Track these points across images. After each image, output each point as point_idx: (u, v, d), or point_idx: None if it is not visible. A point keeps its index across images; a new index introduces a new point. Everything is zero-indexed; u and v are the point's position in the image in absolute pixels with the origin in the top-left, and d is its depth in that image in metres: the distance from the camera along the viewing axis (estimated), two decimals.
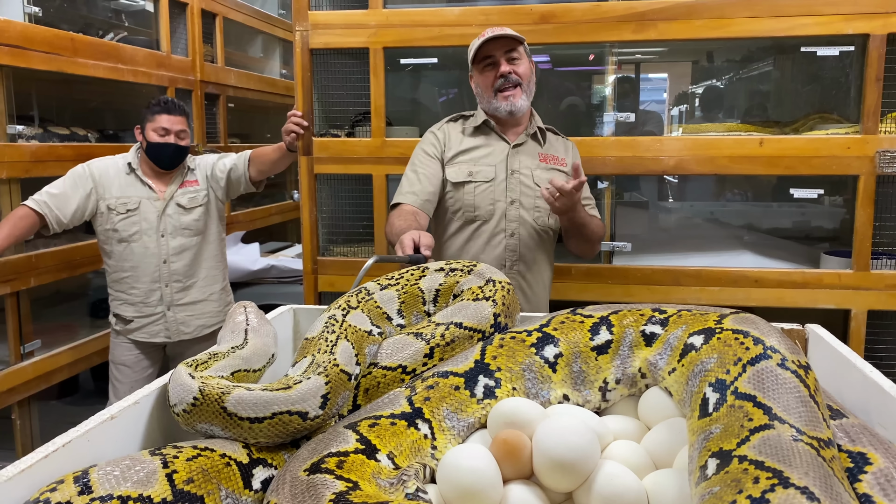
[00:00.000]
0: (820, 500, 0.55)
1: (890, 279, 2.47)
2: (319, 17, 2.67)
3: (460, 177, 2.14)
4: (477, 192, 2.13)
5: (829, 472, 0.61)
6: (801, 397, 0.77)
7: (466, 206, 2.14)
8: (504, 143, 2.17)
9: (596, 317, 1.05)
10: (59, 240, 3.11)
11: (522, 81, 2.08)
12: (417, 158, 2.19)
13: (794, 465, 0.60)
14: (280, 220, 5.08)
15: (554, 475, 0.81)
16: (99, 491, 0.68)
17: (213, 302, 2.97)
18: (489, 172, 2.14)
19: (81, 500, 0.66)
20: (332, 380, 0.91)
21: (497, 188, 2.13)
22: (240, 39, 4.90)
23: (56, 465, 0.71)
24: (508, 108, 2.08)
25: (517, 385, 0.97)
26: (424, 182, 2.12)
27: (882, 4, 2.37)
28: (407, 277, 1.21)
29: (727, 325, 0.93)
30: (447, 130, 2.22)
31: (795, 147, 2.48)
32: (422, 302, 1.20)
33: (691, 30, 2.48)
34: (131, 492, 0.69)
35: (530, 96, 2.12)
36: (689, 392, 0.89)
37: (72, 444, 0.74)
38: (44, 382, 2.98)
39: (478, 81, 2.15)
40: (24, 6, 2.90)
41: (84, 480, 0.68)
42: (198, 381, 0.84)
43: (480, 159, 2.15)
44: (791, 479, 0.57)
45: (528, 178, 2.14)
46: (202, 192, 2.89)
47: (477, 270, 1.21)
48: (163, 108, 2.74)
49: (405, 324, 1.18)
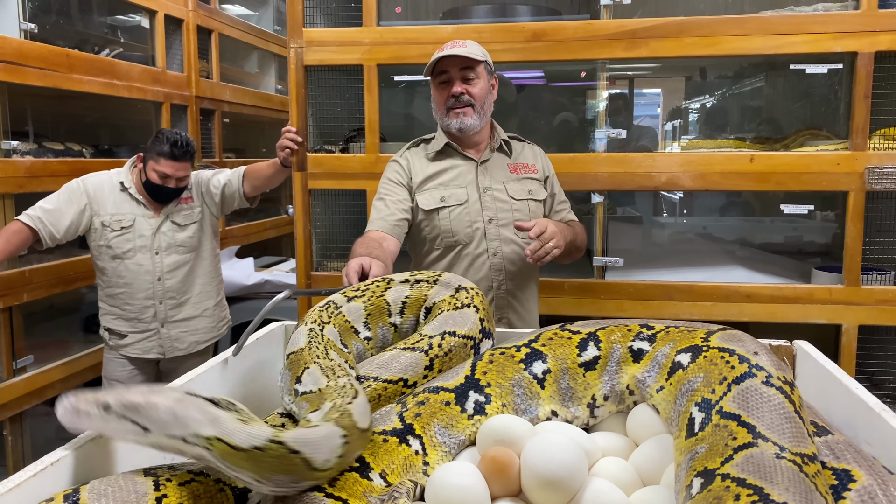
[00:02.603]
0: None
1: (880, 294, 2.48)
2: (314, 35, 2.69)
3: (433, 203, 2.09)
4: (453, 217, 2.08)
5: (810, 487, 0.62)
6: (785, 414, 0.78)
7: (444, 231, 2.08)
8: (471, 162, 2.12)
9: (584, 333, 1.05)
10: (52, 255, 3.11)
11: (475, 102, 2.03)
12: (383, 187, 2.13)
13: (776, 482, 0.61)
14: (275, 235, 5.08)
15: (542, 492, 0.82)
16: None
17: (207, 318, 2.97)
18: (461, 195, 2.08)
19: None
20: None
21: (472, 209, 2.08)
22: (235, 55, 4.93)
23: (46, 483, 0.72)
24: (458, 125, 2.04)
25: (507, 401, 0.97)
26: (392, 208, 2.07)
27: (869, 23, 2.40)
28: (373, 289, 1.22)
29: (714, 343, 0.94)
30: (409, 158, 2.17)
31: (786, 163, 2.50)
32: (387, 314, 1.20)
33: (682, 47, 2.51)
34: None
35: (484, 116, 2.07)
36: (676, 411, 0.90)
37: (61, 462, 0.74)
38: (36, 398, 2.97)
39: (433, 96, 2.12)
40: (19, 22, 2.92)
41: (74, 499, 0.69)
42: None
43: (450, 182, 2.10)
44: (771, 495, 0.58)
45: (501, 192, 2.09)
46: (196, 209, 2.90)
47: (443, 280, 1.22)
48: (169, 153, 2.67)
49: (371, 336, 1.18)
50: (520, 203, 2.09)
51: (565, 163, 2.54)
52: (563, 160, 2.52)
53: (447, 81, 2.04)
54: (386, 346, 1.21)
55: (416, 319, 1.22)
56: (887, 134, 2.48)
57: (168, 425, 0.71)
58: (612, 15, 2.59)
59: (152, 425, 0.71)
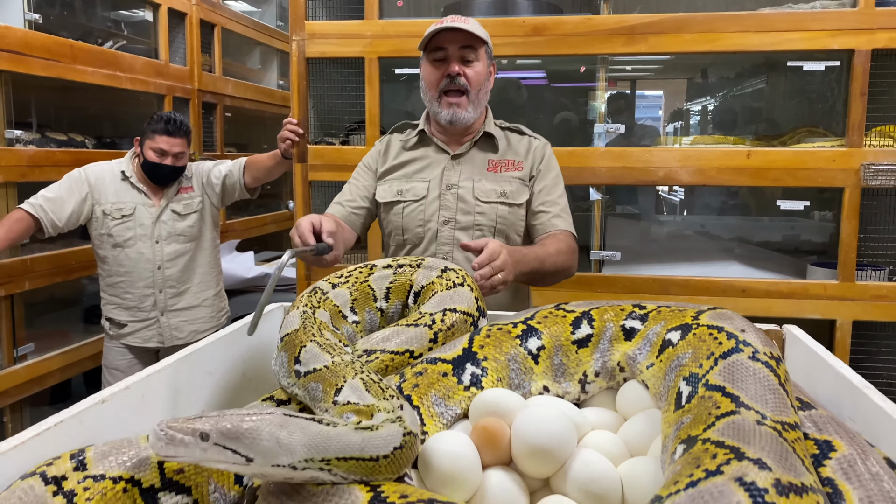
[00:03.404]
0: (772, 468, 0.57)
1: (874, 290, 2.50)
2: (316, 27, 2.71)
3: (388, 196, 1.91)
4: (405, 213, 1.88)
5: (788, 449, 0.64)
6: (769, 386, 0.80)
7: (395, 228, 1.90)
8: (443, 154, 1.91)
9: (578, 312, 1.08)
10: (53, 244, 3.13)
11: (471, 89, 1.81)
12: (357, 171, 2.01)
13: (753, 444, 0.63)
14: (275, 230, 5.10)
15: (532, 461, 0.84)
16: (92, 469, 0.70)
17: (207, 308, 2.99)
18: (420, 189, 1.88)
19: (76, 475, 0.69)
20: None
21: (429, 207, 1.86)
22: (238, 50, 4.95)
23: (48, 444, 0.74)
24: (449, 117, 1.82)
25: (502, 375, 0.99)
26: (355, 193, 1.94)
27: (866, 21, 2.43)
28: (356, 275, 1.23)
29: (703, 321, 0.96)
30: (389, 142, 2.00)
31: (782, 159, 2.52)
32: (373, 299, 1.22)
33: (681, 43, 2.53)
34: (123, 474, 0.71)
35: (479, 106, 1.86)
36: (665, 386, 0.92)
37: (64, 423, 0.76)
38: (36, 386, 2.99)
39: (424, 73, 1.87)
40: (24, 13, 2.94)
41: (80, 458, 0.71)
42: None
43: (414, 175, 1.91)
44: (747, 453, 0.60)
45: (467, 191, 1.85)
46: (197, 199, 2.92)
47: (426, 264, 1.24)
48: (164, 128, 2.72)
49: (359, 320, 1.19)
50: (486, 206, 1.84)
51: (564, 157, 2.55)
52: (561, 154, 2.52)
53: (443, 59, 1.82)
54: (374, 330, 1.22)
55: (403, 304, 1.24)
56: (883, 131, 2.50)
57: (274, 455, 0.66)
58: (611, 11, 2.61)
59: (257, 455, 0.65)
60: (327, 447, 0.68)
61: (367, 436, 0.71)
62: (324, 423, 0.71)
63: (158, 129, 2.73)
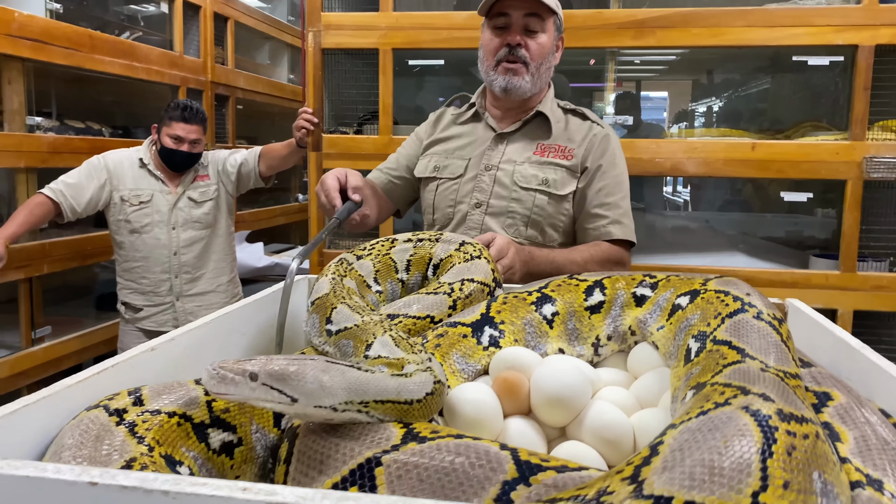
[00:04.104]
0: (775, 401, 0.63)
1: (875, 280, 2.56)
2: (332, 18, 2.77)
3: (425, 171, 1.79)
4: (438, 192, 1.76)
5: (789, 390, 0.70)
6: (773, 342, 0.86)
7: (427, 206, 1.79)
8: (491, 133, 1.76)
9: (590, 280, 1.13)
10: (70, 230, 3.20)
11: (531, 61, 1.66)
12: (406, 140, 1.91)
13: (757, 384, 0.69)
14: (284, 222, 5.17)
15: (549, 410, 0.90)
16: (148, 405, 0.77)
17: (221, 293, 3.06)
18: (458, 167, 1.74)
19: (135, 409, 0.75)
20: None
21: (463, 188, 1.73)
22: (249, 44, 5.02)
23: (107, 382, 0.80)
24: (504, 84, 1.67)
25: (518, 337, 1.05)
26: (399, 162, 1.85)
27: (870, 17, 2.48)
28: (378, 248, 1.29)
29: (711, 287, 1.02)
30: (443, 114, 1.88)
31: (786, 151, 2.58)
32: (395, 270, 1.28)
33: (688, 37, 2.59)
34: (176, 409, 0.78)
35: (538, 80, 1.70)
36: (675, 346, 0.98)
37: (118, 366, 0.82)
38: (53, 368, 3.06)
39: (483, 41, 1.72)
40: (45, 2, 3.01)
41: (137, 395, 0.78)
42: None
43: (455, 151, 1.78)
44: (752, 390, 0.66)
45: (507, 174, 1.69)
46: (213, 187, 2.99)
47: (444, 238, 1.30)
48: (181, 115, 2.81)
49: (382, 290, 1.25)
50: (524, 193, 1.69)
51: None
52: None
53: (505, 27, 1.66)
54: (395, 300, 1.28)
55: (423, 276, 1.30)
56: (886, 125, 2.56)
57: (317, 396, 0.70)
58: (621, 5, 2.67)
59: (301, 396, 0.69)
60: (366, 391, 0.73)
61: (402, 381, 0.76)
62: (362, 370, 0.76)
63: (175, 115, 2.80)
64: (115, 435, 0.71)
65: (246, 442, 0.82)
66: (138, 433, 0.73)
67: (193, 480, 0.53)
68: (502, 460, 0.68)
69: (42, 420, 0.72)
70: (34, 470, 0.54)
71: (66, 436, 0.71)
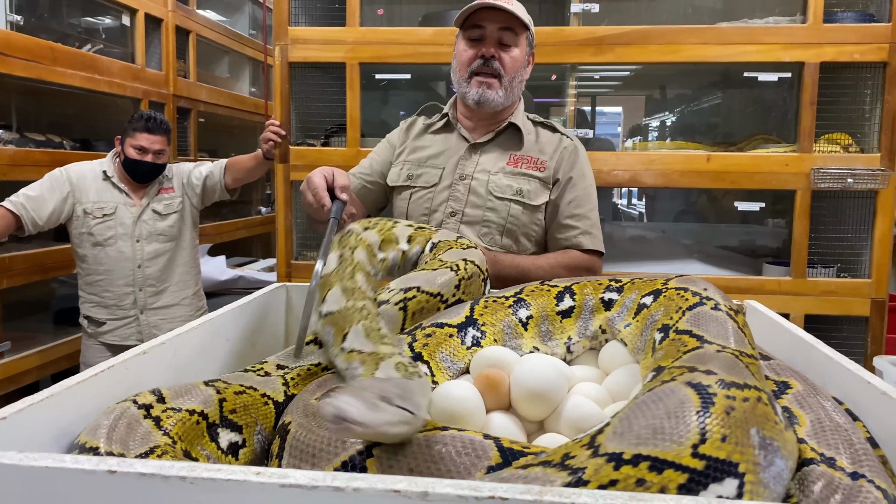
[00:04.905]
0: (717, 373, 0.70)
1: (824, 286, 2.68)
2: (299, 33, 2.81)
3: (398, 180, 1.81)
4: (413, 200, 1.78)
5: (741, 365, 0.76)
6: (730, 329, 0.92)
7: (400, 215, 1.80)
8: (464, 143, 1.79)
9: (560, 286, 1.20)
10: (30, 244, 3.15)
11: (504, 74, 1.69)
12: (378, 145, 1.93)
13: (708, 363, 0.75)
14: (246, 235, 5.15)
15: (529, 404, 0.95)
16: (170, 403, 0.82)
17: (186, 306, 3.04)
18: (432, 176, 1.77)
19: (159, 406, 0.80)
20: None
21: (437, 197, 1.75)
22: (210, 58, 5.01)
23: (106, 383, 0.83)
24: (477, 97, 1.70)
25: (497, 337, 1.11)
26: (374, 167, 1.86)
27: (816, 36, 2.62)
28: (381, 225, 1.34)
29: (671, 286, 1.08)
30: (414, 122, 1.91)
31: (739, 163, 2.69)
32: (396, 242, 1.33)
33: (646, 54, 2.69)
34: (195, 407, 0.83)
35: (511, 94, 1.73)
36: (642, 341, 1.04)
37: (113, 368, 0.85)
38: (13, 384, 3.00)
39: (457, 52, 1.74)
40: (6, 14, 2.98)
41: (159, 394, 0.83)
42: None
43: (427, 160, 1.80)
44: (698, 368, 0.73)
45: (481, 184, 1.73)
46: (177, 200, 2.98)
47: (440, 232, 1.39)
48: (144, 126, 2.79)
49: (384, 258, 1.29)
50: (498, 202, 1.72)
51: None
52: None
53: (479, 39, 1.69)
54: (395, 267, 1.33)
55: (422, 250, 1.36)
56: (831, 138, 2.70)
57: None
58: (580, 23, 2.77)
59: (417, 410, 0.71)
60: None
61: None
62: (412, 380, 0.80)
63: (139, 126, 2.79)
64: (143, 426, 0.77)
65: (249, 444, 0.86)
66: (163, 427, 0.78)
67: (208, 466, 0.56)
68: (487, 448, 0.73)
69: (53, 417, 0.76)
70: (52, 461, 0.57)
71: (101, 420, 0.76)
